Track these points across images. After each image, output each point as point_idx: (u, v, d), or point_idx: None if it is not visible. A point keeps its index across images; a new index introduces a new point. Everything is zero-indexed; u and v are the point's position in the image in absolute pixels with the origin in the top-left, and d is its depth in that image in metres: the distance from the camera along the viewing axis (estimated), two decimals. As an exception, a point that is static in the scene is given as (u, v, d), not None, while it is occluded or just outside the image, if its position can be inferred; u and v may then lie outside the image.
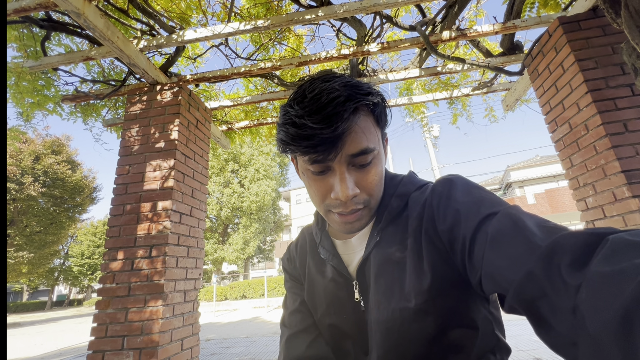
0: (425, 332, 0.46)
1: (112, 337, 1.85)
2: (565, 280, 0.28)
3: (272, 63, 2.57)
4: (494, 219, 0.38)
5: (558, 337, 0.29)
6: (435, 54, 2.48)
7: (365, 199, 0.49)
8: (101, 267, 2.02)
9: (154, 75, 2.36)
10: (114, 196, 2.17)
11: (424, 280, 0.46)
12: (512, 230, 0.36)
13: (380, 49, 2.52)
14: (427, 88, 3.84)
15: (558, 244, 0.30)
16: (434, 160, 15.93)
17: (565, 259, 0.29)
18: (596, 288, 0.24)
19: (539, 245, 0.32)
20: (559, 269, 0.29)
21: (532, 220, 0.36)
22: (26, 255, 14.97)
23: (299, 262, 0.66)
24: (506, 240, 0.35)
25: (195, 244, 2.31)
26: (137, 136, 2.30)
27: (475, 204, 0.42)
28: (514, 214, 0.38)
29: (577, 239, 0.29)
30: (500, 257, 0.35)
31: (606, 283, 0.24)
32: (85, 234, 29.12)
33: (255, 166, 19.13)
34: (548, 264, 0.30)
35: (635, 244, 0.25)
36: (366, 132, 0.46)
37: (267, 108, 3.76)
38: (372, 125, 0.48)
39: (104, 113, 3.30)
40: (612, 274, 0.24)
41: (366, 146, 0.46)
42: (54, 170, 15.45)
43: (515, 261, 0.33)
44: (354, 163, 0.47)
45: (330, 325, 0.56)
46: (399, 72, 3.00)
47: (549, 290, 0.29)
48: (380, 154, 0.50)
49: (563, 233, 0.31)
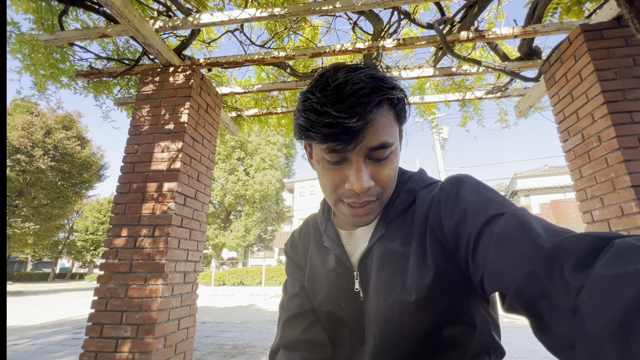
0: (423, 326, 0.46)
1: (111, 311, 1.90)
2: (567, 281, 0.27)
3: (285, 52, 2.55)
4: (501, 219, 0.38)
5: (556, 338, 0.28)
6: (452, 54, 2.45)
7: (378, 192, 0.49)
8: (105, 242, 2.06)
9: (168, 57, 2.37)
10: (121, 174, 2.20)
11: (426, 275, 0.46)
12: (517, 230, 0.36)
13: (396, 46, 2.49)
14: (440, 89, 3.80)
15: (562, 245, 0.30)
16: (441, 162, 15.82)
17: (568, 261, 0.28)
18: (598, 290, 0.24)
19: (543, 246, 0.32)
20: (562, 270, 0.28)
21: (539, 222, 0.36)
22: (32, 226, 15.27)
23: (301, 248, 0.67)
24: (510, 240, 0.35)
25: (197, 227, 2.34)
26: (148, 116, 2.31)
27: (483, 204, 0.42)
28: (521, 215, 0.37)
29: (582, 242, 0.29)
30: (503, 256, 0.35)
31: (608, 286, 0.24)
32: (91, 210, 29.58)
33: (261, 155, 19.17)
34: (551, 265, 0.30)
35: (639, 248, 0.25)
36: (387, 126, 0.46)
37: (277, 97, 3.75)
38: (392, 120, 0.48)
39: (116, 91, 3.32)
40: (614, 277, 0.24)
41: (385, 140, 0.46)
42: (64, 145, 15.65)
43: (519, 261, 0.33)
44: (372, 156, 0.47)
45: (329, 312, 0.57)
46: (412, 70, 2.97)
47: (550, 291, 0.29)
48: (397, 150, 0.50)
49: (569, 235, 0.31)
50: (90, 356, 1.83)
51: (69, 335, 5.38)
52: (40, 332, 5.74)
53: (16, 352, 4.26)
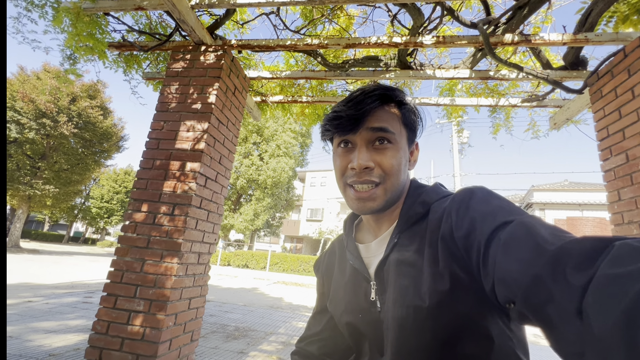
0: (437, 334, 0.47)
1: (126, 284, 1.92)
2: (570, 282, 0.28)
3: (319, 40, 2.48)
4: (509, 227, 0.39)
5: (568, 344, 0.28)
6: (493, 56, 2.33)
7: (380, 174, 0.54)
8: (125, 215, 2.08)
9: (201, 35, 2.33)
10: (145, 149, 2.20)
11: (439, 282, 0.47)
12: (524, 236, 0.36)
13: (435, 43, 2.39)
14: (472, 92, 3.66)
15: (565, 248, 0.31)
16: (457, 167, 15.51)
17: (571, 262, 0.29)
18: (601, 290, 0.25)
19: (547, 250, 0.32)
20: (565, 272, 0.29)
21: (546, 228, 0.37)
22: (52, 189, 15.80)
23: (326, 266, 0.72)
24: (517, 246, 0.36)
25: (215, 209, 2.34)
26: (176, 94, 2.30)
27: (492, 212, 0.43)
28: (528, 222, 0.38)
29: (584, 244, 0.30)
30: (510, 261, 0.36)
31: (611, 285, 0.24)
32: (107, 179, 30.44)
33: (277, 142, 19.19)
34: (555, 268, 0.30)
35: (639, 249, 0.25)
36: (389, 118, 0.55)
37: (303, 86, 3.69)
38: (396, 119, 0.56)
39: (145, 66, 3.32)
40: (617, 276, 0.24)
41: (385, 125, 0.54)
42: (88, 113, 16.01)
43: (524, 265, 0.34)
44: (373, 141, 0.54)
45: (348, 324, 0.60)
46: (447, 70, 2.85)
47: (556, 294, 0.29)
48: (400, 146, 0.56)
49: (571, 238, 0.32)
50: (103, 325, 1.86)
51: (80, 298, 5.58)
52: (53, 292, 5.98)
53: (31, 309, 4.44)
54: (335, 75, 2.97)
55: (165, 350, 1.86)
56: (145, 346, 1.80)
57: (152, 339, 1.80)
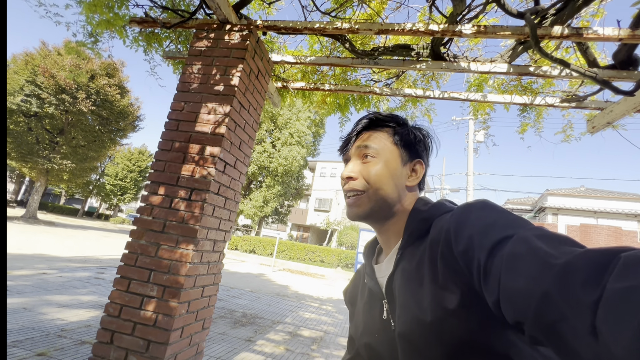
0: (444, 349, 0.47)
1: (140, 267, 1.88)
2: (580, 298, 0.27)
3: (349, 24, 2.33)
4: (509, 242, 0.39)
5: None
6: (539, 50, 2.14)
7: (363, 184, 0.61)
8: (141, 197, 2.02)
9: (226, 13, 2.21)
10: (164, 130, 2.13)
11: (440, 299, 0.48)
12: (526, 252, 0.36)
13: (475, 33, 2.22)
14: (503, 89, 3.46)
15: (571, 263, 0.30)
16: (471, 166, 15.16)
17: (578, 278, 0.29)
18: (613, 306, 0.24)
19: (553, 265, 0.32)
20: (574, 288, 0.28)
21: (549, 240, 0.36)
22: (69, 164, 16.14)
23: (350, 293, 0.76)
24: (521, 263, 0.35)
25: (232, 196, 2.26)
26: (198, 74, 2.20)
27: (491, 227, 0.43)
28: (529, 237, 0.38)
29: (590, 258, 0.29)
30: (516, 279, 0.35)
31: (623, 299, 0.24)
32: (122, 157, 30.99)
33: (290, 130, 19.07)
34: (564, 284, 0.29)
35: None
36: (374, 138, 0.63)
37: (326, 73, 3.55)
38: (384, 138, 0.63)
39: (165, 46, 3.23)
40: (627, 290, 0.24)
41: (367, 143, 0.63)
42: (105, 91, 16.15)
43: (532, 283, 0.33)
44: (362, 157, 0.63)
45: (366, 345, 0.61)
46: (483, 63, 2.67)
47: (567, 312, 0.28)
48: (385, 160, 0.62)
49: (576, 252, 0.31)
50: (115, 308, 1.83)
51: (92, 274, 5.68)
52: (67, 265, 6.11)
53: (45, 281, 4.53)
54: (363, 63, 2.82)
55: (177, 338, 1.82)
56: (157, 332, 1.75)
57: (164, 325, 1.76)
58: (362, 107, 3.78)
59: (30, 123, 15.17)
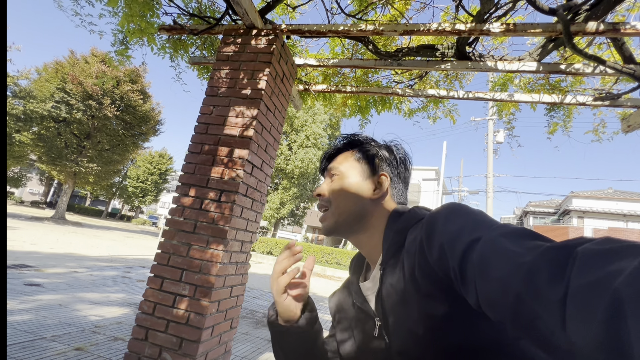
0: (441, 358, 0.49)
1: (172, 267, 1.93)
2: (548, 298, 0.29)
3: (374, 26, 2.34)
4: (478, 246, 0.40)
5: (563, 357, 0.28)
6: (572, 48, 2.07)
7: (327, 200, 0.67)
8: (173, 199, 2.09)
9: (253, 19, 2.26)
10: (194, 134, 2.19)
11: (427, 308, 0.49)
12: (494, 255, 0.37)
13: (504, 31, 2.17)
14: (529, 88, 3.37)
15: (535, 263, 0.32)
16: (491, 167, 14.76)
17: (543, 277, 0.30)
18: (578, 302, 0.26)
19: (520, 265, 0.33)
20: (542, 288, 0.30)
21: (514, 238, 0.38)
22: (95, 167, 16.82)
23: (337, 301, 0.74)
24: (491, 268, 0.37)
25: (259, 198, 2.30)
26: (226, 79, 2.26)
27: (458, 233, 0.44)
28: (495, 238, 0.39)
29: (550, 255, 0.31)
30: (489, 284, 0.36)
31: (585, 296, 0.25)
32: (143, 160, 32.01)
33: (306, 133, 19.18)
34: (532, 286, 0.31)
35: (602, 252, 0.27)
36: (339, 160, 0.69)
37: (347, 75, 3.56)
38: (348, 158, 0.69)
39: (191, 52, 3.32)
40: (589, 286, 0.25)
41: (331, 165, 0.70)
42: (129, 97, 16.77)
43: (503, 287, 0.34)
44: (329, 176, 0.69)
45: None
46: (511, 62, 2.61)
47: (540, 311, 0.29)
48: (346, 177, 0.66)
49: (539, 250, 0.33)
50: (149, 305, 1.89)
51: (119, 273, 5.89)
52: (95, 264, 6.36)
53: (77, 279, 4.74)
54: (386, 65, 2.81)
55: (208, 337, 1.86)
56: (189, 330, 1.80)
57: (196, 324, 1.80)
58: (383, 109, 3.77)
59: (59, 128, 15.92)
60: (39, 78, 16.65)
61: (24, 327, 2.66)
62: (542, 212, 27.94)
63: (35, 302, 3.33)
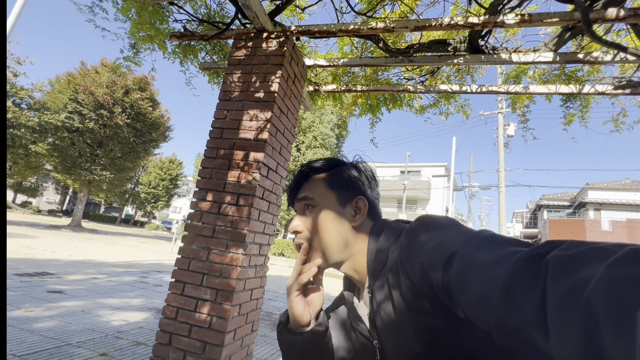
0: None
1: (193, 271, 1.95)
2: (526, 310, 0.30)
3: (384, 23, 2.31)
4: (454, 262, 0.41)
5: None
6: (591, 36, 2.02)
7: (306, 236, 0.62)
8: (191, 204, 2.10)
9: (263, 22, 2.27)
10: (209, 138, 2.21)
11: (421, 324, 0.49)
12: (471, 270, 0.38)
13: (519, 22, 2.12)
14: (544, 79, 3.29)
15: (509, 277, 0.33)
16: (502, 161, 14.51)
17: (520, 291, 0.31)
18: (553, 314, 0.26)
19: (496, 279, 0.34)
20: (519, 301, 0.31)
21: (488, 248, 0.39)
22: (108, 175, 17.17)
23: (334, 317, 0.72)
24: (470, 284, 0.38)
25: (275, 200, 2.30)
26: (238, 82, 2.27)
27: (434, 251, 0.45)
28: (468, 252, 0.40)
29: (522, 268, 0.32)
30: (471, 300, 0.37)
31: (563, 304, 0.26)
32: (154, 167, 32.53)
33: (314, 133, 19.19)
34: (510, 300, 0.32)
35: (571, 257, 0.28)
36: (310, 187, 0.65)
37: (357, 74, 3.54)
38: (320, 185, 0.64)
39: (200, 58, 3.36)
40: (561, 297, 0.26)
41: (305, 194, 0.64)
42: (139, 105, 17.06)
43: (483, 302, 0.35)
44: (303, 209, 0.65)
45: None
46: (526, 53, 2.55)
47: (520, 323, 0.30)
48: (324, 207, 0.62)
49: (511, 261, 0.34)
50: (172, 310, 1.91)
51: (137, 278, 5.99)
52: (113, 270, 6.48)
53: (97, 285, 4.83)
54: (397, 62, 2.78)
55: (230, 340, 1.87)
56: (212, 334, 1.81)
57: (218, 328, 1.81)
58: (394, 107, 3.73)
59: (73, 138, 16.31)
60: (52, 90, 17.09)
61: (49, 333, 2.72)
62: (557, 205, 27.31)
63: (59, 309, 3.41)
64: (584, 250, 0.28)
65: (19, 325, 2.80)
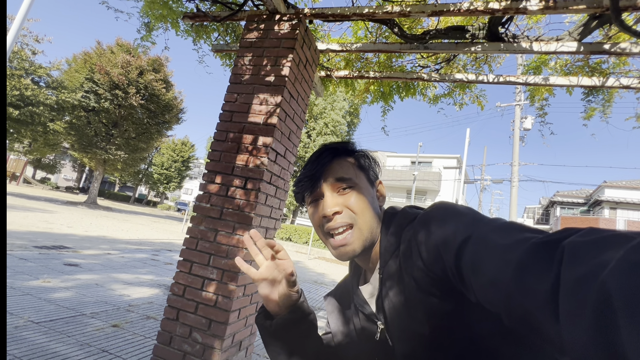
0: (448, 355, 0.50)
1: (200, 251, 2.00)
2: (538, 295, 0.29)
3: (400, 7, 2.24)
4: (469, 245, 0.41)
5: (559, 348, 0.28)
6: (620, 25, 1.91)
7: (351, 215, 0.59)
8: (200, 186, 2.14)
9: (276, 3, 2.22)
10: (219, 121, 2.22)
11: (431, 307, 0.49)
12: (485, 252, 0.38)
13: (542, 9, 2.03)
14: (566, 70, 3.15)
15: (522, 260, 0.32)
16: (517, 155, 14.15)
17: (531, 274, 0.31)
18: (568, 297, 0.26)
19: (509, 262, 0.34)
20: (531, 285, 0.30)
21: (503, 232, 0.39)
22: (122, 155, 17.52)
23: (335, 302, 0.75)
24: (483, 266, 0.37)
25: (282, 185, 2.32)
26: (249, 66, 2.25)
27: (450, 234, 0.45)
28: (484, 235, 0.40)
29: (536, 251, 0.32)
30: (483, 282, 0.37)
31: (575, 291, 0.25)
32: (167, 148, 33.01)
33: (325, 120, 19.05)
34: (522, 283, 0.31)
35: (587, 244, 0.27)
36: (343, 168, 0.62)
37: (370, 61, 3.46)
38: (351, 166, 0.63)
39: (213, 38, 3.33)
40: (576, 281, 0.25)
41: (342, 175, 0.61)
42: (153, 86, 17.18)
43: (496, 284, 0.35)
44: (337, 189, 0.61)
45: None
46: (548, 42, 2.44)
47: (531, 308, 0.30)
48: (361, 188, 0.62)
49: (526, 245, 0.33)
50: (180, 288, 1.98)
51: (148, 255, 6.19)
52: (126, 247, 6.70)
53: (111, 260, 5.02)
54: (412, 49, 2.70)
55: (235, 319, 1.93)
56: (217, 312, 1.87)
57: (223, 306, 1.87)
58: (407, 95, 3.65)
59: (89, 117, 16.62)
60: (69, 69, 17.33)
61: (65, 303, 2.86)
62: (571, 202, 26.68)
63: (74, 281, 3.57)
64: (603, 237, 0.27)
65: (37, 294, 2.95)
